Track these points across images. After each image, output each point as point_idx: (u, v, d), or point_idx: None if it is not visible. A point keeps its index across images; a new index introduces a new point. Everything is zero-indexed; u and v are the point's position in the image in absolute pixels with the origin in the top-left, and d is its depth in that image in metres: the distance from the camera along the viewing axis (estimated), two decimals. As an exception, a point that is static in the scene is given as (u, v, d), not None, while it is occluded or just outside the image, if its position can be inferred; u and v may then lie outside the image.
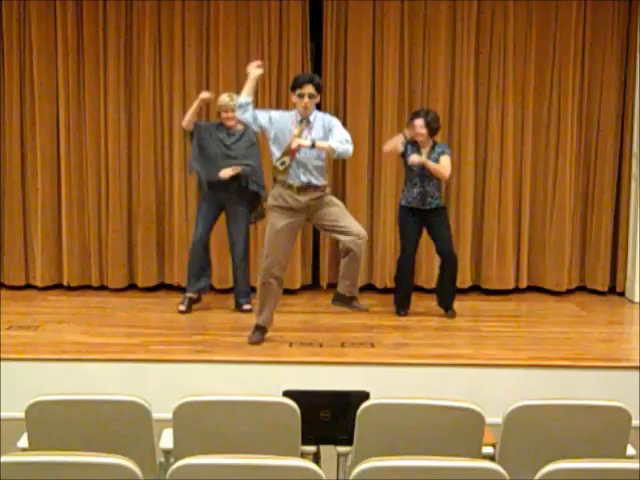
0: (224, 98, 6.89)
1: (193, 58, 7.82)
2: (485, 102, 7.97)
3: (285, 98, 7.82)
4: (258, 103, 7.79)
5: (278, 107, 7.89)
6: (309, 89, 5.83)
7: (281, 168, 5.88)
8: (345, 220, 5.98)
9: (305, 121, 5.89)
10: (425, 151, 6.78)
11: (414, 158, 6.66)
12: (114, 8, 7.74)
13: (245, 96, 5.92)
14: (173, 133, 7.89)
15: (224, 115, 6.88)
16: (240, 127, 6.88)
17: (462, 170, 7.93)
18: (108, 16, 7.75)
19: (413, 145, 6.84)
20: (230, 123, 6.88)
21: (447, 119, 7.88)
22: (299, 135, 5.83)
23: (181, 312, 7.07)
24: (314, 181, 5.92)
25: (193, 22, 7.79)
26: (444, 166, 6.73)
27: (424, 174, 6.77)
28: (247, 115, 5.93)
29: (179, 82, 7.83)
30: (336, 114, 7.83)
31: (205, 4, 7.81)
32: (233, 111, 6.80)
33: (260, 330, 6.19)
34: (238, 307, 7.16)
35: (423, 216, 6.87)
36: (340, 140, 5.79)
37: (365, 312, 6.50)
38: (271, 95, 7.87)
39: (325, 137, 5.85)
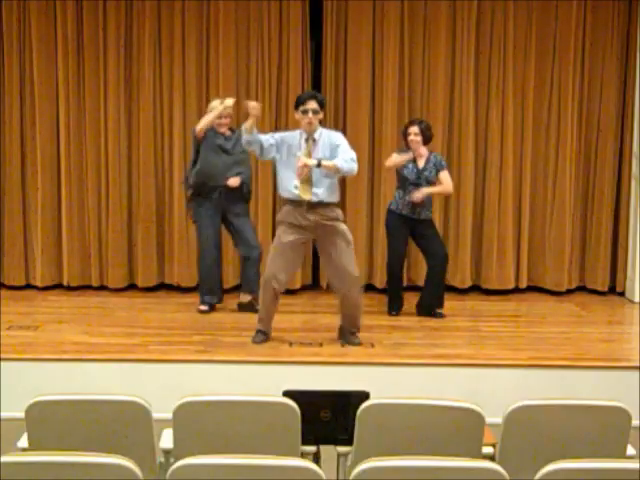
0: (215, 104, 6.88)
1: (193, 58, 7.82)
2: (485, 102, 7.97)
3: (285, 98, 7.83)
4: (258, 102, 7.81)
5: (278, 106, 7.92)
6: (312, 105, 5.84)
7: (296, 192, 5.84)
8: (345, 263, 5.93)
9: (311, 139, 5.89)
10: (420, 162, 6.84)
11: (417, 195, 6.71)
12: (114, 8, 7.75)
13: (246, 134, 5.83)
14: (173, 133, 7.89)
15: (217, 121, 6.86)
16: (229, 132, 6.94)
17: (462, 170, 7.93)
18: (108, 16, 7.75)
19: (411, 160, 6.88)
20: (222, 129, 6.90)
21: (447, 119, 7.90)
22: (307, 154, 5.82)
23: (202, 312, 7.08)
24: (325, 198, 5.89)
25: (193, 22, 7.79)
26: (445, 184, 6.89)
27: (419, 184, 6.80)
28: (254, 147, 5.89)
29: (179, 82, 7.83)
30: (336, 114, 7.89)
31: (205, 4, 7.81)
32: (225, 117, 6.82)
33: (262, 333, 6.21)
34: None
35: (413, 225, 6.90)
36: (345, 159, 5.77)
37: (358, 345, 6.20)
38: (271, 94, 7.86)
39: (331, 155, 5.83)
